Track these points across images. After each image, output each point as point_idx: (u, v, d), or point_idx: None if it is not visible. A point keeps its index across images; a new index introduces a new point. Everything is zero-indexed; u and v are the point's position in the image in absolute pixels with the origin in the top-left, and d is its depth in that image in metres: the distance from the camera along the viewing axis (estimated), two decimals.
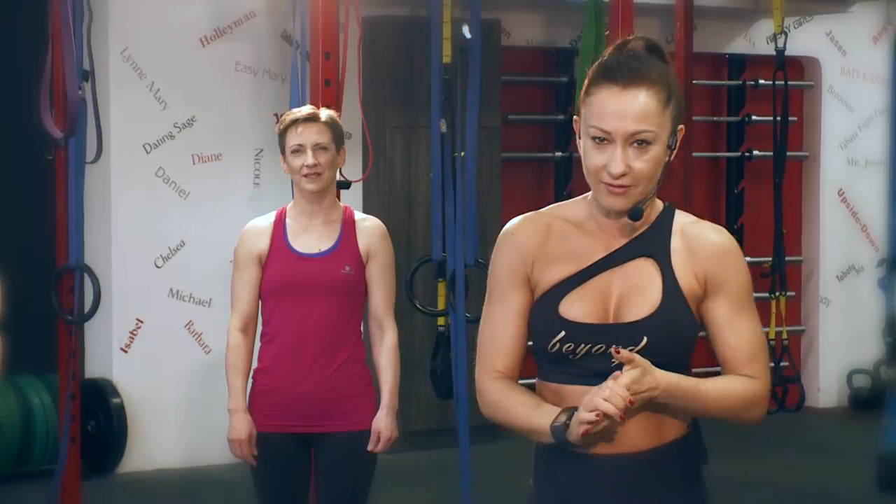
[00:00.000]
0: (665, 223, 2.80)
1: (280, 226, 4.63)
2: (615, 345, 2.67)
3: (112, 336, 8.11)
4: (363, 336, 4.66)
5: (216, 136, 8.33)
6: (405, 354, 4.98)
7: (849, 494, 7.77)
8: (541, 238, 2.80)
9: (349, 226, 4.64)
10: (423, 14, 7.29)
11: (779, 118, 8.72)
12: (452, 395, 6.54)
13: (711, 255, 2.77)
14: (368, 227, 4.67)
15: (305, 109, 4.71)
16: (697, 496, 2.84)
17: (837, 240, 10.34)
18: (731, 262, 2.78)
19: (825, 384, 10.30)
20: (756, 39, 9.98)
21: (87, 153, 6.26)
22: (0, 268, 3.37)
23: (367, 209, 7.87)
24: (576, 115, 2.79)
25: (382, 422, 4.59)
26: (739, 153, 10.12)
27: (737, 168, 10.16)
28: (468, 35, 6.54)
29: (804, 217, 10.41)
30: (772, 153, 8.94)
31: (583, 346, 2.73)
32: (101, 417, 7.99)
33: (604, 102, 2.69)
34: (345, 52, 6.09)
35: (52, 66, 6.15)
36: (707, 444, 2.86)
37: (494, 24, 8.82)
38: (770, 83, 8.80)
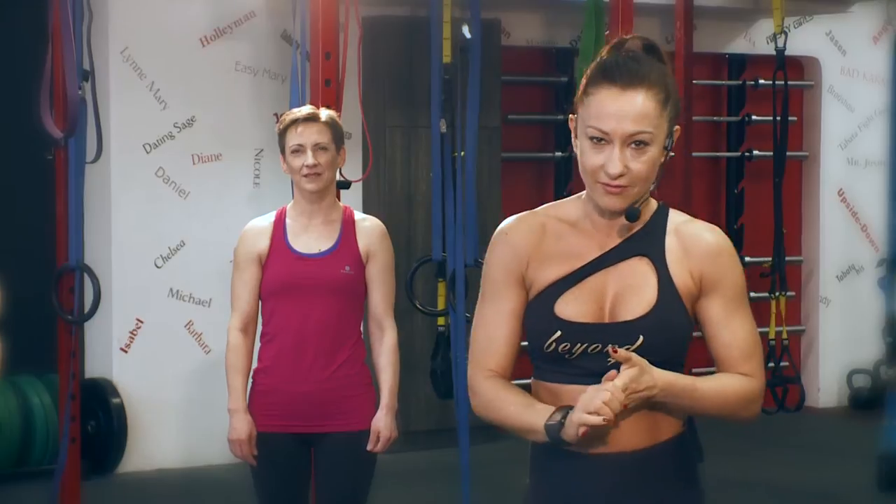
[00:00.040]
0: (659, 222, 2.81)
1: (280, 226, 4.63)
2: (611, 344, 2.68)
3: (112, 336, 8.10)
4: (363, 336, 4.67)
5: (216, 136, 8.33)
6: (405, 354, 4.99)
7: (849, 494, 7.76)
8: (535, 238, 2.81)
9: (349, 226, 4.64)
10: (423, 14, 7.29)
11: (779, 118, 8.71)
12: (452, 395, 6.54)
13: (706, 255, 2.78)
14: (368, 227, 4.67)
15: (305, 109, 4.70)
16: (693, 495, 2.84)
17: (837, 240, 10.33)
18: (726, 261, 2.79)
19: (825, 384, 10.29)
20: (756, 39, 9.97)
21: (87, 153, 6.26)
22: (0, 268, 3.37)
23: (367, 209, 7.87)
24: (572, 114, 2.79)
25: (382, 422, 4.59)
26: (739, 153, 10.11)
27: (737, 168, 10.15)
28: (468, 35, 6.53)
29: (804, 217, 10.41)
30: (772, 153, 8.93)
31: (579, 346, 2.73)
32: (101, 417, 7.98)
33: (602, 103, 2.69)
34: (345, 52, 6.08)
35: (52, 66, 6.15)
36: (706, 444, 2.87)
37: (494, 24, 8.82)
38: (770, 83, 8.80)
